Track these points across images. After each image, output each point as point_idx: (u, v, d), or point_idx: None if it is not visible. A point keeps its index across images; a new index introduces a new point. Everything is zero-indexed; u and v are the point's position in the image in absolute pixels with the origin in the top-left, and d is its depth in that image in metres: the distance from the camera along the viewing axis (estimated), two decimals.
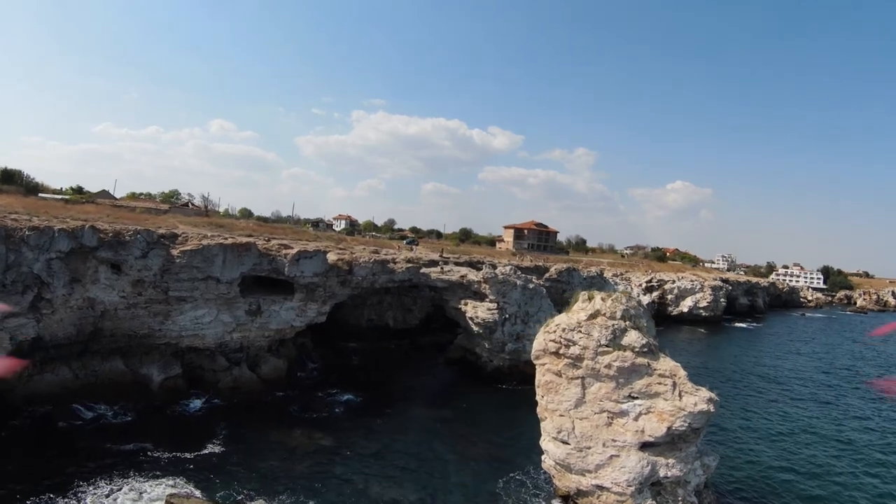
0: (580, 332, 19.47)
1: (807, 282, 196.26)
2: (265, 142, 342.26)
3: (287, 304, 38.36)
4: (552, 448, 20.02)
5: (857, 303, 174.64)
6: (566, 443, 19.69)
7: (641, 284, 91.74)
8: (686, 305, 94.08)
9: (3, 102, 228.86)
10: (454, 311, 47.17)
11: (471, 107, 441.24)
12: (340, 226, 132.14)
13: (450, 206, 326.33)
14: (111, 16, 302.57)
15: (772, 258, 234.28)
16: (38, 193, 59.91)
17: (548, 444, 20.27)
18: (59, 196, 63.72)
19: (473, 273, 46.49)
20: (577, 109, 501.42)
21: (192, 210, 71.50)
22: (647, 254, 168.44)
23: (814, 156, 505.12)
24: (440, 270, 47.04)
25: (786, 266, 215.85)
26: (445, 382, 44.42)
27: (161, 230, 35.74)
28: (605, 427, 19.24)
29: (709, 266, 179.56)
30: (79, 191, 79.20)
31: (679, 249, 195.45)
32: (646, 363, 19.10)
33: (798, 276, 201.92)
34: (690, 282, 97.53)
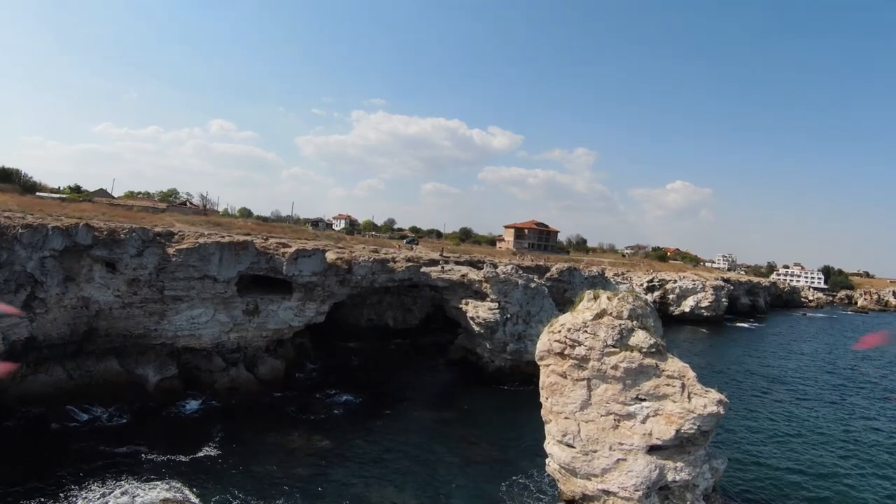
0: (586, 333, 18.90)
1: (807, 282, 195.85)
2: (265, 142, 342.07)
3: (285, 304, 37.78)
4: (557, 451, 19.45)
5: (858, 303, 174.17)
6: (571, 446, 19.12)
7: (643, 284, 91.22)
8: (688, 305, 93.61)
9: (3, 102, 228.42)
10: (455, 311, 46.61)
11: (470, 107, 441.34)
12: (340, 225, 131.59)
13: (450, 206, 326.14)
14: (111, 15, 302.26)
15: (772, 258, 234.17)
16: (36, 192, 59.40)
17: (552, 448, 19.69)
18: (57, 195, 63.15)
19: (474, 272, 45.93)
20: (577, 109, 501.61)
21: (191, 209, 70.91)
22: (648, 253, 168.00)
23: (814, 155, 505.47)
24: (441, 269, 46.48)
25: (786, 266, 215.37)
26: (446, 383, 43.83)
27: (157, 228, 35.17)
28: (612, 430, 18.67)
29: (709, 266, 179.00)
30: (76, 190, 78.69)
31: (680, 249, 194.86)
32: (654, 364, 18.54)
33: (799, 276, 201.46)
34: (692, 281, 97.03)
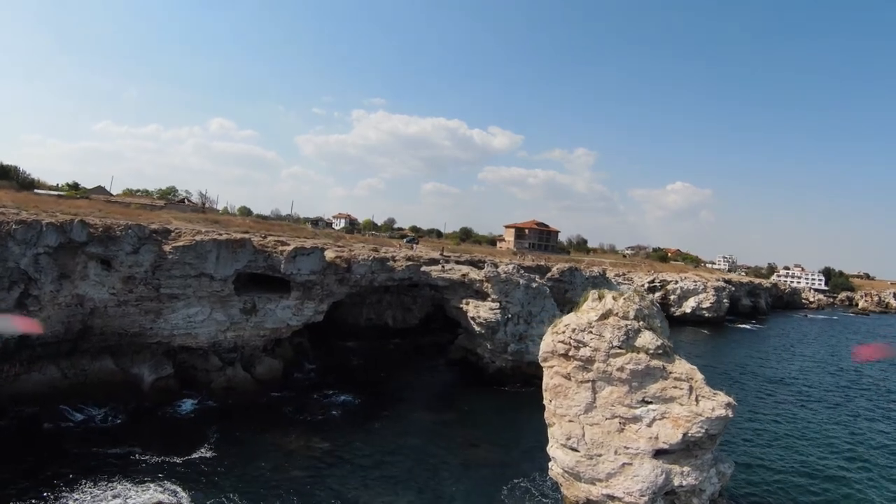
0: (591, 333, 18.40)
1: (808, 283, 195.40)
2: (265, 140, 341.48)
3: (283, 303, 37.25)
4: (560, 455, 18.94)
5: (859, 304, 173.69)
6: (575, 450, 18.61)
7: (644, 285, 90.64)
8: (689, 306, 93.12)
9: (4, 100, 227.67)
10: (455, 311, 46.08)
11: (471, 106, 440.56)
12: (340, 225, 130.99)
13: (450, 206, 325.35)
14: (111, 14, 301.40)
15: (772, 259, 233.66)
16: (34, 190, 58.84)
17: (556, 451, 19.18)
18: (55, 192, 62.61)
19: (475, 272, 45.41)
20: (577, 109, 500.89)
21: (189, 206, 70.35)
22: (649, 254, 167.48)
23: (814, 156, 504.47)
24: (441, 269, 45.97)
25: (787, 267, 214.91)
26: (446, 384, 43.30)
27: (154, 225, 34.63)
28: (617, 433, 18.16)
29: (710, 267, 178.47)
30: (74, 187, 78.09)
31: (681, 250, 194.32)
32: (661, 366, 18.03)
33: (799, 278, 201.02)
34: (693, 282, 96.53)
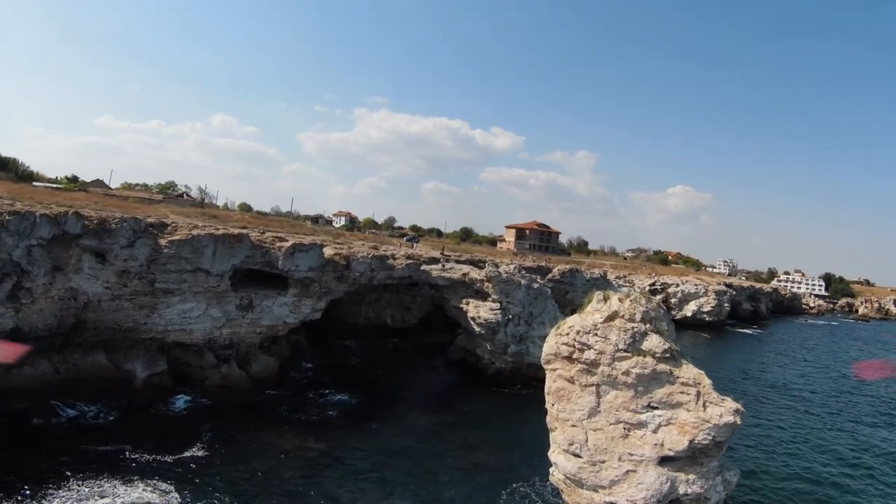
0: (596, 336, 17.84)
1: (808, 288, 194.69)
2: (267, 137, 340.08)
3: (280, 300, 36.65)
4: (562, 461, 18.38)
5: (859, 311, 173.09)
6: (578, 455, 18.05)
7: (645, 287, 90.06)
8: (690, 310, 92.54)
9: (7, 93, 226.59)
10: (455, 311, 45.52)
11: (473, 107, 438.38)
12: (340, 222, 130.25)
13: (450, 206, 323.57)
14: (116, 8, 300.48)
15: (772, 264, 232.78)
16: (33, 182, 58.23)
17: (557, 457, 18.62)
18: (54, 185, 62.02)
19: (476, 271, 44.84)
20: (579, 111, 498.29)
21: (187, 201, 69.72)
22: (650, 257, 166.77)
23: (815, 162, 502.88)
24: (441, 268, 45.40)
25: (787, 272, 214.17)
26: (445, 384, 42.69)
27: (150, 219, 34.02)
28: (622, 439, 17.61)
29: (710, 271, 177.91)
30: (73, 180, 77.48)
31: (681, 253, 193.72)
32: (667, 370, 17.48)
33: (800, 283, 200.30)
34: (694, 286, 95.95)
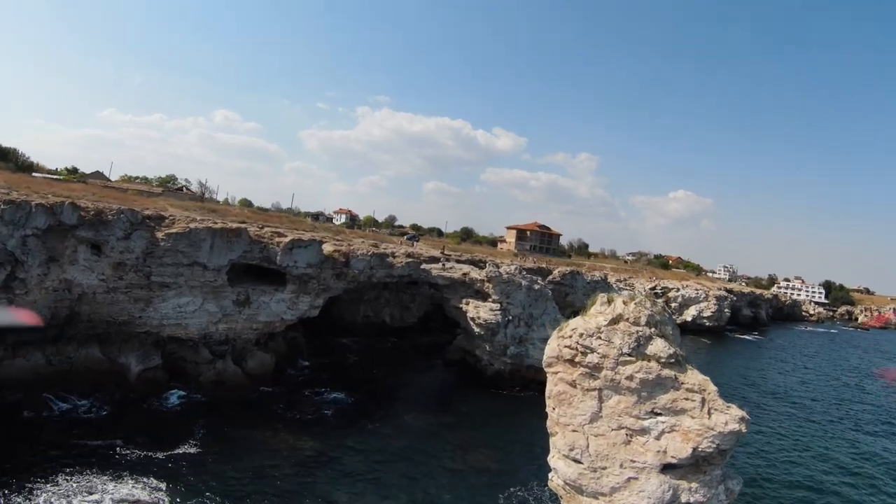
0: (599, 339, 17.33)
1: (808, 296, 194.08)
2: (269, 134, 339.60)
3: (278, 296, 36.20)
4: (562, 466, 17.88)
5: (859, 319, 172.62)
6: (579, 461, 17.56)
7: (645, 291, 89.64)
8: (690, 314, 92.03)
9: (9, 85, 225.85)
10: (454, 311, 45.07)
11: (475, 107, 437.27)
12: (340, 220, 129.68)
13: (451, 206, 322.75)
14: (121, 2, 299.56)
15: (772, 270, 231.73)
16: (33, 173, 57.78)
17: (557, 462, 18.12)
18: (53, 176, 61.55)
19: (476, 271, 44.39)
20: (581, 113, 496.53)
21: (187, 195, 69.19)
22: (650, 261, 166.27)
23: (817, 169, 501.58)
24: (441, 267, 44.95)
25: (787, 279, 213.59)
26: (443, 385, 42.23)
27: (147, 211, 33.54)
28: (623, 446, 17.10)
29: (711, 276, 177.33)
30: (73, 171, 77.02)
31: (682, 258, 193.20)
32: (672, 376, 16.98)
33: (800, 290, 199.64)
34: (695, 290, 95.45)
